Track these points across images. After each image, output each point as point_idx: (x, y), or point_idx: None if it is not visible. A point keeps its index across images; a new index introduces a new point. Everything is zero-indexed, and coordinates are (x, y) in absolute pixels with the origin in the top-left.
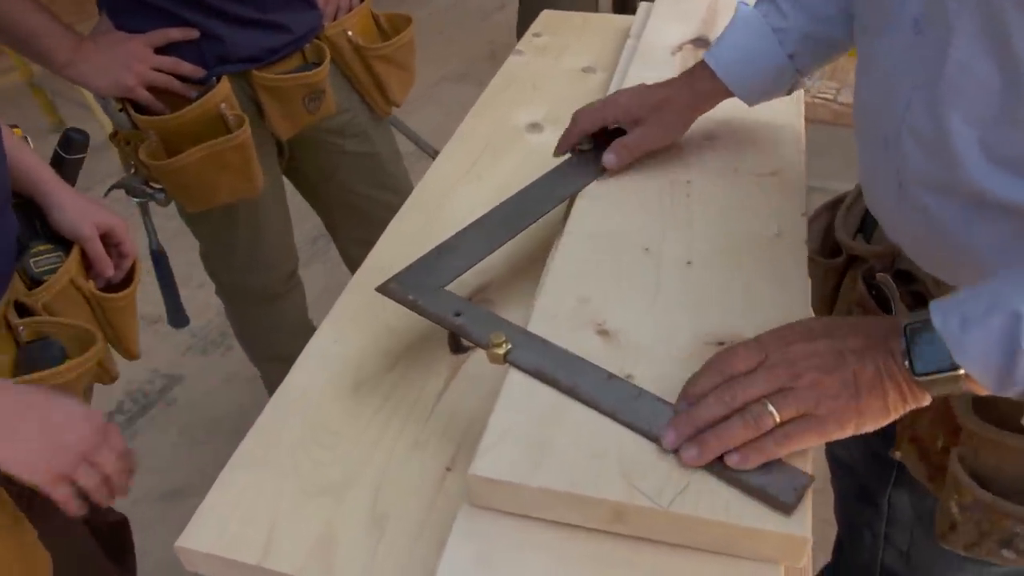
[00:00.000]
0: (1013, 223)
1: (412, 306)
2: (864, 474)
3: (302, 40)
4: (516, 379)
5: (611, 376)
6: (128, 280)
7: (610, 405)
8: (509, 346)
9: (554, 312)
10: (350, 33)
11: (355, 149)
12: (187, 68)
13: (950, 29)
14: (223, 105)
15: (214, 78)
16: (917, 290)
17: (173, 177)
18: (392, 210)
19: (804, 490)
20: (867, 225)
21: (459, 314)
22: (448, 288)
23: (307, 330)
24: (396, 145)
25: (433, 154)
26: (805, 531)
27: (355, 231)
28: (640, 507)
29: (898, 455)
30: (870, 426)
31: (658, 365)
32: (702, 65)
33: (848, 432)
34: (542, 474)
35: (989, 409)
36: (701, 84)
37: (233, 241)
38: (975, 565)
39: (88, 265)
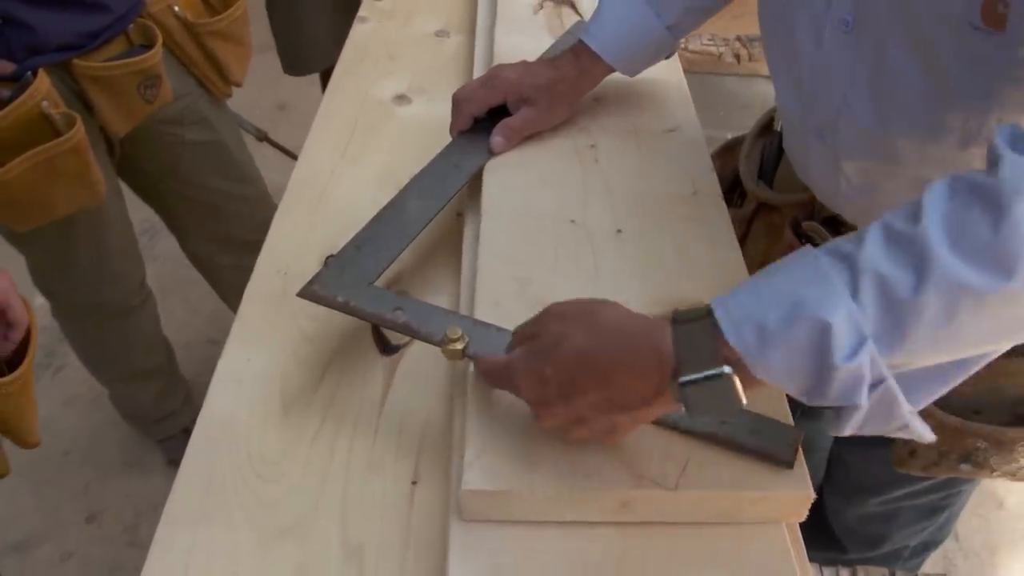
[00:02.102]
0: None
1: (344, 308)
2: None
3: (124, 20)
4: None
5: None
6: (19, 356)
7: None
8: (468, 339)
9: (496, 299)
10: (176, 9)
11: (196, 138)
12: None
13: (886, 33)
14: (45, 103)
15: (28, 72)
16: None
17: None
18: (245, 202)
19: (797, 443)
20: (765, 172)
21: (399, 310)
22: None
23: (161, 342)
24: (239, 130)
25: (256, 133)
26: (808, 489)
27: (206, 228)
28: (648, 494)
29: None
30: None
31: None
32: (584, 44)
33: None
34: (540, 477)
35: None
36: (586, 64)
37: (74, 255)
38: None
39: None
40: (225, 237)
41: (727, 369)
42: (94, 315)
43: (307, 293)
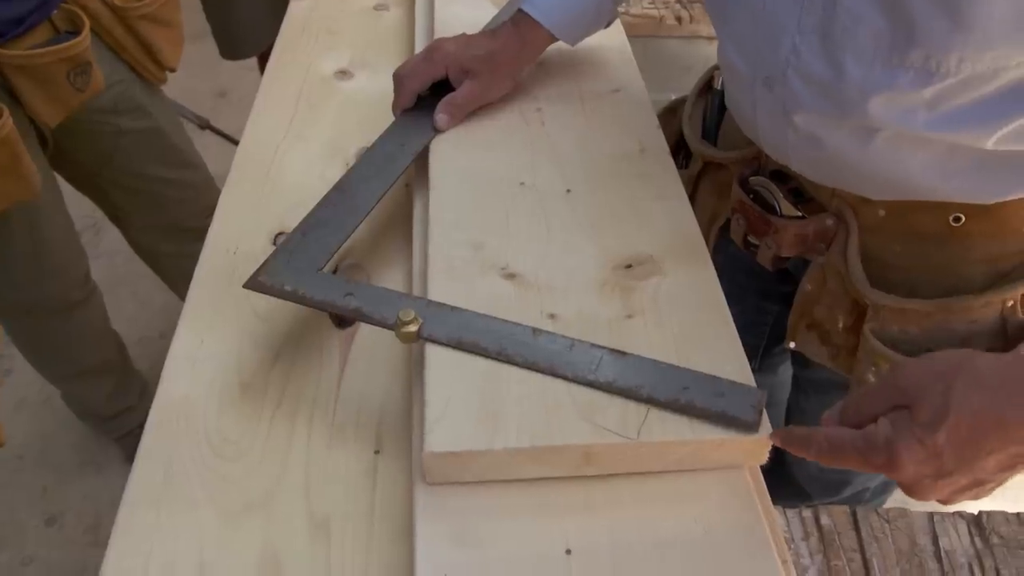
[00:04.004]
0: (902, 142)
1: (293, 297)
2: None
3: (48, 6)
4: (438, 350)
5: (536, 331)
6: None
7: (546, 361)
8: (421, 321)
9: (450, 264)
10: None
11: (132, 126)
12: None
13: None
14: None
15: None
16: (793, 187)
17: None
18: (188, 188)
19: (761, 406)
20: (708, 131)
21: (350, 295)
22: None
23: (110, 337)
24: (177, 115)
25: (198, 121)
26: (768, 431)
27: (148, 217)
28: (609, 445)
29: (793, 345)
30: None
31: (576, 300)
32: (524, 14)
33: None
34: (502, 435)
35: (884, 281)
36: (527, 33)
37: (11, 252)
38: None
39: None
40: (168, 225)
41: None
42: (36, 312)
43: (254, 284)
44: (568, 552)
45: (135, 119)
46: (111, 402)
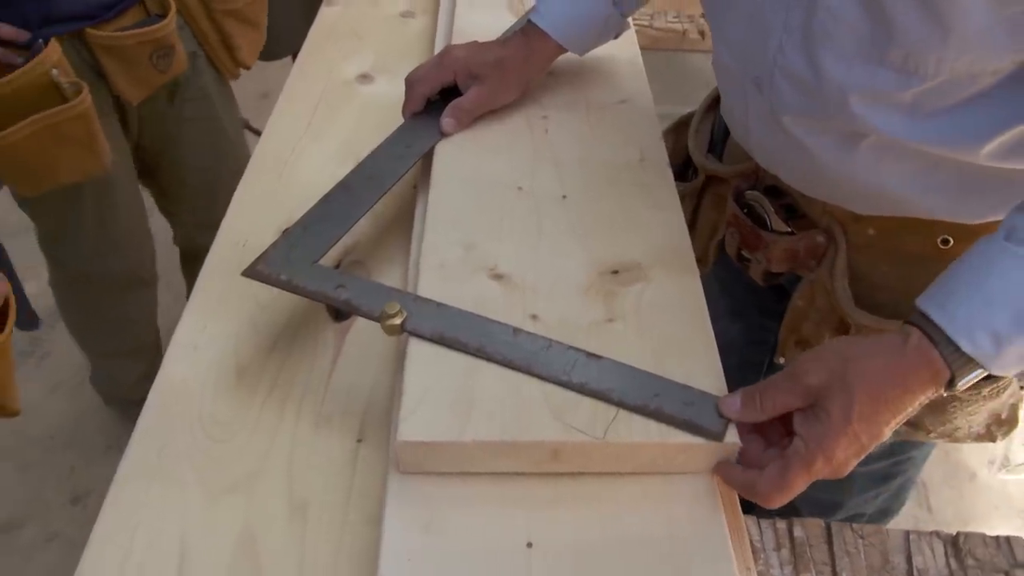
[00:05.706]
0: (886, 151)
1: (288, 286)
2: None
3: None
4: (420, 344)
5: (517, 330)
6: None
7: (523, 360)
8: (405, 315)
9: (441, 262)
10: None
11: (194, 114)
12: (6, 31)
13: None
14: (55, 71)
15: (41, 41)
16: (786, 203)
17: (1, 155)
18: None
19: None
20: (715, 145)
21: (341, 287)
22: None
23: (153, 326)
24: (239, 113)
25: (242, 123)
26: (734, 439)
27: (199, 208)
28: (577, 443)
29: (782, 360)
30: None
31: (560, 302)
32: (533, 25)
33: None
34: (473, 428)
35: (871, 301)
36: (535, 43)
37: (81, 223)
38: None
39: None
40: (218, 220)
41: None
42: (96, 284)
43: (252, 272)
44: (529, 545)
45: (197, 108)
46: (139, 387)
